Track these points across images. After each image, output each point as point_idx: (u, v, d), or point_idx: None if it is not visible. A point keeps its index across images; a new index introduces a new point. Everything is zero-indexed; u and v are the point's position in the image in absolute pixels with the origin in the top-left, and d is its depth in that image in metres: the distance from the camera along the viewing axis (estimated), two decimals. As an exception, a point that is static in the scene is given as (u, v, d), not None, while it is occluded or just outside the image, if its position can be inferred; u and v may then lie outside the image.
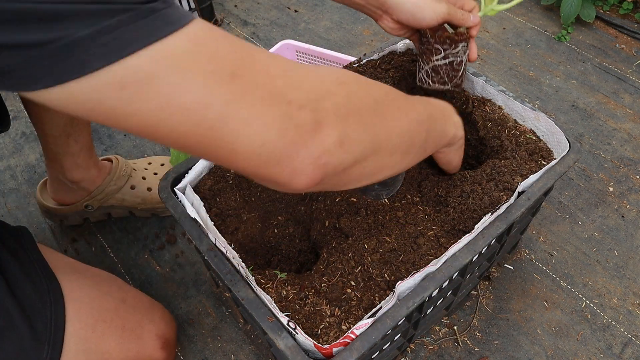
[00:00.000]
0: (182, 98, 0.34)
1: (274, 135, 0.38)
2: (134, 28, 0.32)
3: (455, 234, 0.66)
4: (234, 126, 0.36)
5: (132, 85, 0.33)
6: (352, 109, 0.43)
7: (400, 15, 0.69)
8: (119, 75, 0.32)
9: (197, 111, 0.35)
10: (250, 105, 0.36)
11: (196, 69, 0.34)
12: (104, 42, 0.31)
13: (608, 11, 1.45)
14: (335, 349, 0.54)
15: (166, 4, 0.35)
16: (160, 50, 0.33)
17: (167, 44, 0.33)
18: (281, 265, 0.68)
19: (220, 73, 0.35)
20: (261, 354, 0.86)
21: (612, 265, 0.93)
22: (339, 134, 0.41)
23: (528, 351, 0.84)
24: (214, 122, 0.36)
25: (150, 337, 0.71)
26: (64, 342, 0.61)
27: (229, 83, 0.36)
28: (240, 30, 1.51)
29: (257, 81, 0.37)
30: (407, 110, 0.50)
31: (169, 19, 0.34)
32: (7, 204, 1.11)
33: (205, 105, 0.35)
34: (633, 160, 1.10)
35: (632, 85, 1.26)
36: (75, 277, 0.68)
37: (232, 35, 0.39)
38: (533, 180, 0.67)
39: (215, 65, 0.35)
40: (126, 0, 0.32)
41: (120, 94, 0.33)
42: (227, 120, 0.36)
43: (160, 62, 0.33)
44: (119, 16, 0.32)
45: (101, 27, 0.31)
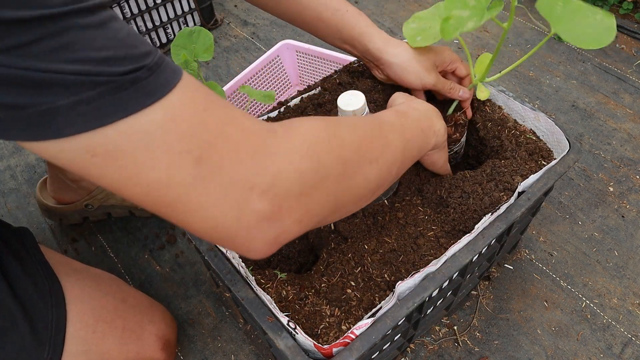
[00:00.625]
0: (145, 175, 0.36)
1: (229, 220, 0.39)
2: (112, 100, 0.33)
3: (455, 234, 0.66)
4: (191, 207, 0.38)
5: (101, 155, 0.34)
6: (317, 183, 0.43)
7: (389, 73, 0.75)
8: (91, 144, 0.34)
9: (158, 189, 0.36)
10: (209, 191, 0.37)
11: (164, 149, 0.35)
12: (81, 112, 0.32)
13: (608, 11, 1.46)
14: (335, 349, 0.54)
15: (150, 71, 0.35)
16: (133, 125, 0.34)
17: (141, 118, 0.34)
18: (281, 265, 0.68)
19: (187, 156, 0.36)
20: (261, 354, 0.86)
21: (612, 265, 0.93)
22: (298, 215, 0.42)
23: (528, 351, 0.84)
24: (173, 201, 0.37)
25: (150, 337, 0.71)
26: (64, 343, 0.61)
27: (193, 167, 0.36)
28: (240, 30, 1.51)
29: (222, 165, 0.37)
30: (379, 156, 0.50)
31: (149, 89, 0.35)
32: (7, 204, 1.11)
33: (166, 186, 0.36)
34: (633, 160, 1.10)
35: (632, 85, 1.26)
36: (76, 277, 0.68)
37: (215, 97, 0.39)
38: (533, 180, 0.67)
39: (184, 146, 0.36)
40: (108, 72, 0.33)
41: (90, 160, 0.34)
42: (184, 202, 0.37)
43: (131, 138, 0.34)
44: (100, 88, 0.33)
45: (80, 98, 0.32)
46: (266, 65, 1.15)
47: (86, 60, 0.32)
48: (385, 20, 1.50)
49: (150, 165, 0.35)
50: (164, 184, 0.36)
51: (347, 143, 0.47)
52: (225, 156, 0.37)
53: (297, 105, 0.80)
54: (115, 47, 0.33)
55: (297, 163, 0.41)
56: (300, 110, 0.80)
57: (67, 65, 0.31)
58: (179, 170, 0.36)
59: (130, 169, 0.35)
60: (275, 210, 0.40)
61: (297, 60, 1.20)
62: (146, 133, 0.34)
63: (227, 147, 0.38)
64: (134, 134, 0.34)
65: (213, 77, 1.37)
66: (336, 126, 0.47)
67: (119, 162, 0.35)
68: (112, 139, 0.34)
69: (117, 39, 0.34)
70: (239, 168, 0.38)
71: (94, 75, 0.32)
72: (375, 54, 0.74)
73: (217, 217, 0.38)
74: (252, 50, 1.44)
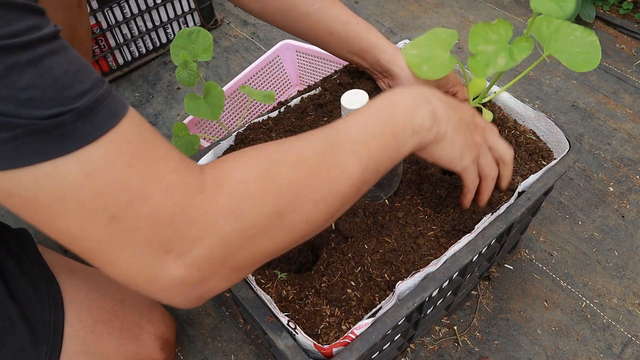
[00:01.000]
0: (58, 224, 0.35)
1: (142, 280, 0.38)
2: (30, 142, 0.32)
3: (455, 234, 0.66)
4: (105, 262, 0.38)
5: (17, 197, 0.34)
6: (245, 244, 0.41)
7: (395, 84, 0.76)
8: (6, 185, 0.33)
9: (72, 239, 0.36)
10: (123, 249, 0.37)
11: (77, 202, 0.34)
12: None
13: (608, 11, 1.45)
14: (335, 349, 0.54)
15: (78, 116, 0.33)
16: (49, 173, 0.33)
17: (58, 167, 0.33)
18: (281, 265, 0.68)
19: (100, 213, 0.35)
20: (261, 354, 0.86)
21: (612, 265, 0.93)
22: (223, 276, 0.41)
23: (528, 351, 0.84)
24: (87, 252, 0.37)
25: (149, 337, 0.71)
26: (63, 344, 0.61)
27: (106, 225, 0.35)
28: (240, 30, 1.51)
29: (137, 226, 0.36)
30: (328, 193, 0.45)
31: (74, 135, 0.33)
32: (6, 204, 1.11)
33: (77, 238, 0.36)
34: (633, 160, 1.10)
35: (632, 85, 1.26)
36: (75, 278, 0.68)
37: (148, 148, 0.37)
38: (533, 180, 0.67)
39: (98, 203, 0.35)
40: (28, 114, 0.31)
41: (8, 200, 0.34)
42: (98, 255, 0.37)
43: (45, 186, 0.33)
44: (18, 130, 0.32)
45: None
46: (266, 65, 1.15)
47: (6, 99, 0.31)
48: (385, 20, 1.50)
49: (63, 216, 0.35)
50: (77, 236, 0.36)
51: (285, 190, 0.42)
52: (142, 218, 0.36)
53: (297, 105, 0.80)
54: (42, 87, 0.32)
55: (220, 227, 0.39)
56: (300, 110, 0.79)
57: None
58: (91, 226, 0.35)
59: (44, 216, 0.35)
60: (194, 275, 0.39)
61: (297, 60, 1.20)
62: (60, 185, 0.34)
63: (145, 208, 0.36)
64: (48, 183, 0.33)
65: (213, 77, 1.37)
66: (276, 167, 0.43)
67: (32, 207, 0.34)
68: (27, 184, 0.33)
69: (48, 78, 0.32)
70: (155, 231, 0.36)
71: (13, 117, 0.31)
72: (385, 65, 0.75)
73: (129, 276, 0.38)
74: (252, 50, 1.44)
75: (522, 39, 0.61)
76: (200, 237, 0.38)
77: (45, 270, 0.65)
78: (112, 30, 1.29)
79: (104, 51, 1.31)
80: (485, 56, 0.62)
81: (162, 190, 0.37)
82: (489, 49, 0.62)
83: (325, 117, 0.79)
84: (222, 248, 0.39)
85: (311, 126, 0.77)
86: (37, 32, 0.33)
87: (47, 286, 0.64)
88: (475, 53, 0.62)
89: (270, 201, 0.41)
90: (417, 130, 0.50)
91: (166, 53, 1.43)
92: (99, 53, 1.30)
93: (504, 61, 0.61)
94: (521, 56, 0.60)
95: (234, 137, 0.76)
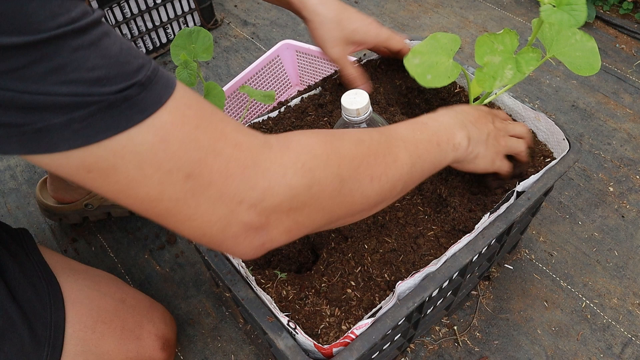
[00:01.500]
0: (138, 190, 0.37)
1: (216, 230, 0.40)
2: (104, 117, 0.34)
3: (455, 234, 0.66)
4: (181, 219, 0.39)
5: (96, 171, 0.36)
6: (309, 199, 0.43)
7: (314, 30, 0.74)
8: (85, 160, 0.35)
9: (150, 202, 0.38)
10: (199, 204, 0.39)
11: (154, 166, 0.36)
12: (74, 129, 0.33)
13: (608, 11, 1.45)
14: (335, 349, 0.54)
15: (142, 87, 0.35)
16: (125, 144, 0.35)
17: (132, 136, 0.35)
18: (281, 265, 0.68)
19: (177, 173, 0.37)
20: (261, 354, 0.86)
21: (612, 265, 0.93)
22: (286, 227, 0.43)
23: (528, 351, 0.84)
24: (164, 213, 0.39)
25: (149, 337, 0.71)
26: (63, 344, 0.61)
27: (183, 183, 0.37)
28: (240, 30, 1.51)
29: (211, 180, 0.38)
30: (382, 174, 0.49)
31: (141, 106, 0.35)
32: (7, 204, 1.11)
33: (157, 200, 0.38)
34: (633, 160, 1.10)
35: (632, 85, 1.26)
36: (75, 278, 0.68)
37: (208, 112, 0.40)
38: (533, 180, 0.67)
39: (174, 164, 0.37)
40: (99, 92, 0.33)
41: (86, 175, 0.36)
42: (174, 214, 0.39)
43: (123, 156, 0.35)
44: (92, 107, 0.33)
45: (74, 117, 0.33)
46: (266, 65, 1.15)
47: (78, 81, 0.33)
48: (385, 20, 1.50)
49: (142, 182, 0.37)
50: (155, 198, 0.38)
51: (347, 160, 0.46)
52: (215, 172, 0.38)
53: (298, 105, 0.80)
54: (107, 66, 0.34)
55: (289, 179, 0.42)
56: (300, 110, 0.79)
57: (60, 87, 0.32)
58: (169, 186, 0.37)
59: (123, 184, 0.37)
60: (262, 222, 0.41)
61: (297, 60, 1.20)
62: (137, 153, 0.35)
63: (218, 163, 0.39)
64: (125, 153, 0.35)
65: (213, 77, 1.37)
66: (339, 140, 0.47)
67: (112, 177, 0.36)
68: (105, 156, 0.35)
69: (109, 57, 0.34)
70: (228, 183, 0.39)
71: (86, 96, 0.33)
72: (298, 7, 0.73)
73: (204, 228, 0.40)
74: (252, 50, 1.44)
75: (528, 49, 0.61)
76: (270, 188, 0.41)
77: (46, 271, 0.65)
78: (112, 30, 1.29)
79: (104, 51, 1.31)
80: (492, 68, 0.61)
81: (230, 146, 0.39)
82: (496, 60, 0.61)
83: (325, 117, 0.79)
84: (290, 199, 0.42)
85: (311, 126, 0.77)
86: (90, 17, 0.35)
87: (48, 286, 0.64)
88: (482, 65, 0.62)
89: (334, 165, 0.45)
90: (457, 147, 0.58)
91: (166, 53, 1.43)
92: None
93: (511, 73, 0.61)
94: (529, 68, 0.60)
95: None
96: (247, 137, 0.41)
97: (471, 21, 1.48)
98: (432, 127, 0.57)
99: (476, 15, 1.49)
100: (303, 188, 0.42)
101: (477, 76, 0.62)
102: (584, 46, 0.62)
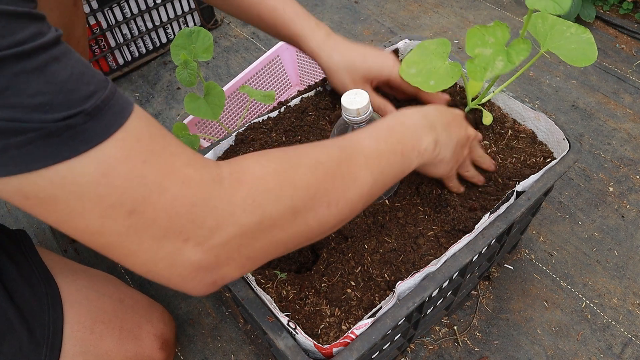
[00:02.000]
0: (77, 222, 0.36)
1: (161, 267, 0.39)
2: (43, 145, 0.33)
3: (455, 234, 0.66)
4: (124, 253, 0.38)
5: (34, 199, 0.35)
6: (260, 234, 0.42)
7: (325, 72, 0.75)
8: (22, 188, 0.34)
9: (91, 235, 0.37)
10: (142, 240, 0.38)
11: (95, 201, 0.35)
12: (11, 156, 0.32)
13: (608, 11, 1.45)
14: (335, 349, 0.54)
15: (88, 116, 0.34)
16: (65, 174, 0.34)
17: (73, 167, 0.34)
18: (281, 265, 0.68)
19: (119, 208, 0.36)
20: (261, 354, 0.86)
21: (612, 265, 0.93)
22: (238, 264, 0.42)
23: (528, 351, 0.83)
24: (106, 246, 0.39)
25: (148, 337, 0.71)
26: (62, 344, 0.61)
27: (125, 218, 0.36)
28: (240, 31, 1.51)
29: (155, 218, 0.37)
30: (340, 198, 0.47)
31: (86, 135, 0.34)
32: (7, 204, 1.11)
33: (97, 233, 0.37)
34: (633, 160, 1.10)
35: (632, 85, 1.26)
36: (73, 278, 0.68)
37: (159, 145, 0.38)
38: (533, 180, 0.67)
39: (116, 199, 0.36)
40: (40, 119, 0.32)
41: (25, 202, 0.35)
42: (117, 248, 0.38)
43: (63, 186, 0.34)
44: (30, 134, 0.32)
45: (10, 142, 0.32)
46: (266, 65, 1.15)
47: (18, 106, 0.32)
48: (385, 20, 1.50)
49: (82, 214, 0.36)
50: (96, 231, 0.37)
51: (301, 189, 0.45)
52: (160, 209, 0.37)
53: (297, 105, 0.80)
54: (51, 92, 0.33)
55: (237, 217, 0.40)
56: (300, 110, 0.79)
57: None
58: (111, 221, 0.36)
59: (63, 215, 0.36)
60: (211, 260, 0.40)
61: (297, 60, 1.20)
62: (78, 184, 0.34)
63: (163, 200, 0.37)
64: (65, 183, 0.34)
65: (213, 77, 1.37)
66: (293, 168, 0.45)
67: (51, 207, 0.35)
68: (43, 186, 0.34)
69: (54, 83, 0.33)
70: (174, 221, 0.38)
71: (25, 122, 0.32)
72: (312, 56, 0.74)
73: (149, 265, 0.39)
74: (252, 50, 1.44)
75: (519, 40, 0.61)
76: (218, 227, 0.40)
77: (44, 272, 0.65)
78: (112, 30, 1.29)
79: (104, 51, 1.31)
80: (483, 59, 0.61)
81: (178, 182, 0.38)
82: (487, 52, 0.61)
83: (325, 117, 0.79)
84: (240, 237, 0.41)
85: (311, 126, 0.77)
86: (40, 39, 0.33)
87: (46, 287, 0.64)
88: (473, 56, 0.62)
89: (288, 198, 0.43)
90: (422, 153, 0.56)
91: (166, 53, 1.43)
92: (99, 53, 1.30)
93: (501, 64, 0.61)
94: (519, 58, 0.60)
95: (234, 137, 0.76)
96: (197, 172, 0.40)
97: (471, 21, 1.48)
98: (398, 133, 0.55)
99: (476, 15, 1.49)
100: (253, 225, 0.41)
101: (468, 67, 0.62)
102: (580, 38, 0.62)
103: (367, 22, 1.49)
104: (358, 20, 1.50)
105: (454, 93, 0.81)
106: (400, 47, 0.86)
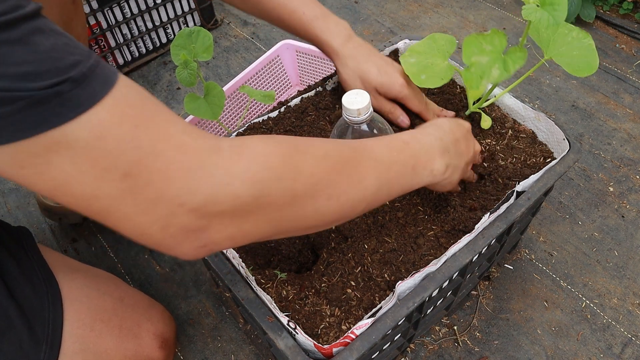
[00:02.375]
0: (73, 187, 0.36)
1: (154, 230, 0.39)
2: (33, 113, 0.33)
3: (455, 234, 0.66)
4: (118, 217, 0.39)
5: (29, 167, 0.35)
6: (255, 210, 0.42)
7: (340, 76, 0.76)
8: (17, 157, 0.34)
9: (86, 200, 0.37)
10: (137, 203, 0.38)
11: (90, 164, 0.36)
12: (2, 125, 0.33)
13: (608, 11, 1.45)
14: (335, 349, 0.54)
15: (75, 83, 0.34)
16: (58, 139, 0.34)
17: (66, 132, 0.34)
18: (281, 265, 0.68)
19: (113, 171, 0.36)
20: (261, 354, 0.86)
21: (612, 265, 0.93)
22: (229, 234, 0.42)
23: (528, 351, 0.84)
24: (101, 211, 0.38)
25: (148, 336, 0.71)
26: (62, 342, 0.61)
27: (120, 181, 0.37)
28: (240, 31, 1.51)
29: (150, 181, 0.37)
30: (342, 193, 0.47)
31: (75, 101, 0.34)
32: (7, 204, 1.11)
33: (94, 197, 0.37)
34: (633, 160, 1.10)
35: (632, 85, 1.26)
36: (74, 277, 0.68)
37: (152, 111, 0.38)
38: (533, 180, 0.67)
39: (110, 162, 0.36)
40: (27, 87, 0.33)
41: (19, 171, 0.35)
42: (112, 212, 0.38)
43: (57, 151, 0.34)
44: (18, 103, 0.33)
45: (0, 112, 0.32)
46: (266, 65, 1.15)
47: (3, 75, 0.32)
48: (385, 20, 1.50)
49: (77, 179, 0.36)
50: (92, 195, 0.37)
51: (305, 176, 0.45)
52: (155, 173, 0.37)
53: (298, 105, 0.80)
54: (36, 62, 0.33)
55: (234, 187, 0.40)
56: (300, 110, 0.79)
57: None
58: (105, 184, 0.37)
59: (58, 181, 0.36)
60: (204, 225, 0.40)
61: (297, 60, 1.20)
62: (71, 149, 0.35)
63: (158, 164, 0.38)
64: (60, 148, 0.34)
65: (213, 77, 1.37)
66: (301, 154, 0.45)
67: (46, 174, 0.35)
68: (37, 152, 0.34)
69: (39, 52, 0.34)
70: (168, 185, 0.38)
71: (12, 91, 0.32)
72: (330, 59, 0.75)
73: (143, 227, 0.39)
74: (252, 50, 1.44)
75: (516, 48, 0.61)
76: (213, 195, 0.39)
77: (45, 269, 0.65)
78: (112, 30, 1.29)
79: (104, 51, 1.31)
80: (480, 68, 0.61)
81: (173, 148, 0.38)
82: (483, 60, 0.61)
83: (326, 117, 0.79)
84: (234, 208, 0.41)
85: (311, 126, 0.77)
86: (20, 10, 0.34)
87: (46, 285, 0.64)
88: (470, 65, 0.62)
89: (289, 179, 0.43)
90: (434, 174, 0.57)
91: (166, 53, 1.43)
92: (99, 53, 1.30)
93: (497, 72, 0.61)
94: (515, 67, 0.60)
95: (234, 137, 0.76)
96: (194, 140, 0.40)
97: (471, 21, 1.48)
98: (413, 149, 0.55)
99: (476, 15, 1.49)
100: (249, 198, 0.41)
101: (465, 76, 0.62)
102: (581, 44, 0.62)
103: (367, 22, 1.49)
104: (358, 20, 1.50)
105: (455, 94, 0.81)
106: (400, 47, 0.86)
